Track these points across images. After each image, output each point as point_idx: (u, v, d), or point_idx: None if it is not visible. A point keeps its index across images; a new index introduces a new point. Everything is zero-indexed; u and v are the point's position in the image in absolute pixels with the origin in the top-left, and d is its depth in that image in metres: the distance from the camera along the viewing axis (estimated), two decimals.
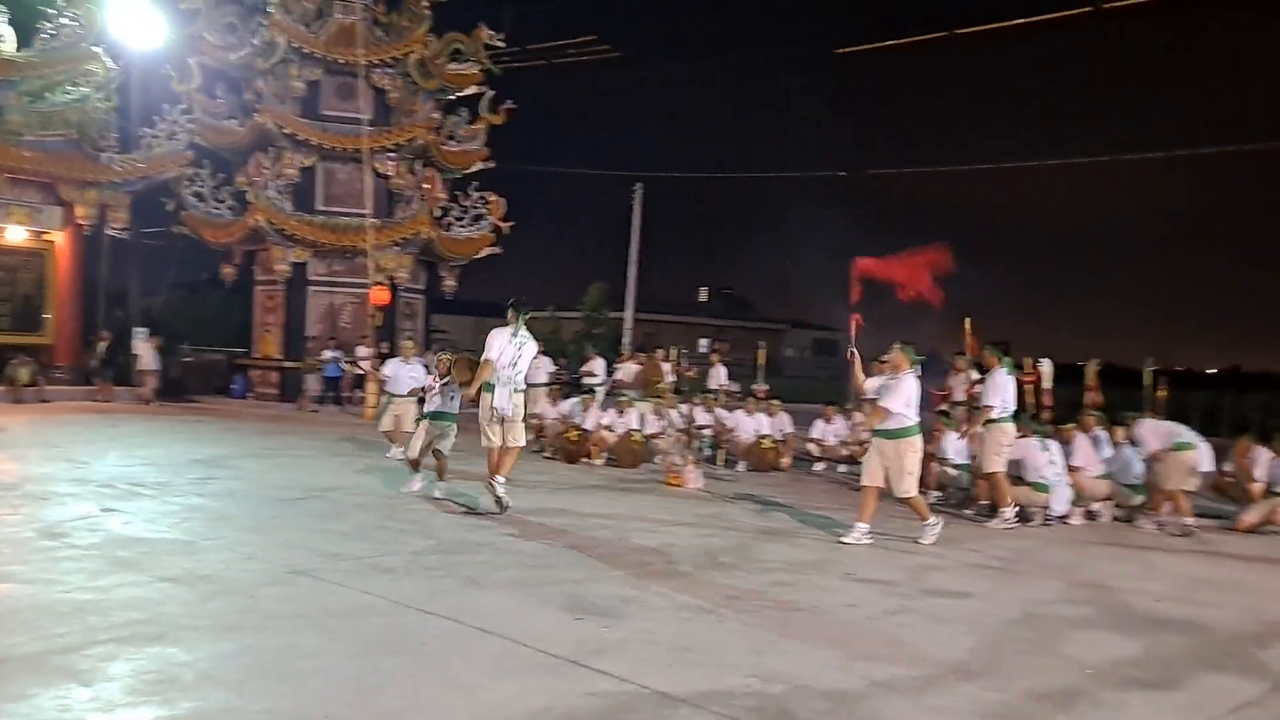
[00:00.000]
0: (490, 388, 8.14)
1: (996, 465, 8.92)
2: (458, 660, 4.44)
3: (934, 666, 4.69)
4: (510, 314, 8.41)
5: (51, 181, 20.38)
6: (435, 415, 9.43)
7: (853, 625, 5.36)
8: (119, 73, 21.31)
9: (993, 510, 9.13)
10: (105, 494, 8.62)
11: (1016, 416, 9.25)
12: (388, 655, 4.47)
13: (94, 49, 20.59)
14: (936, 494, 10.19)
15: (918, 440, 7.94)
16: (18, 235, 20.59)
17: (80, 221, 20.94)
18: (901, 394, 7.77)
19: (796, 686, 4.24)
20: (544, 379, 15.66)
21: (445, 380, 9.38)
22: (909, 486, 7.89)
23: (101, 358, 20.48)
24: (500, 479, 8.26)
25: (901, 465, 7.83)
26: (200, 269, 34.42)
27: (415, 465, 9.47)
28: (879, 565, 6.96)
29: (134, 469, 10.30)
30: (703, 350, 43.47)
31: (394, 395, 11.98)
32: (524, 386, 8.51)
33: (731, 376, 16.42)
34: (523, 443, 8.61)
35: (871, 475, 7.92)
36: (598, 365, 16.70)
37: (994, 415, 8.88)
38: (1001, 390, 8.89)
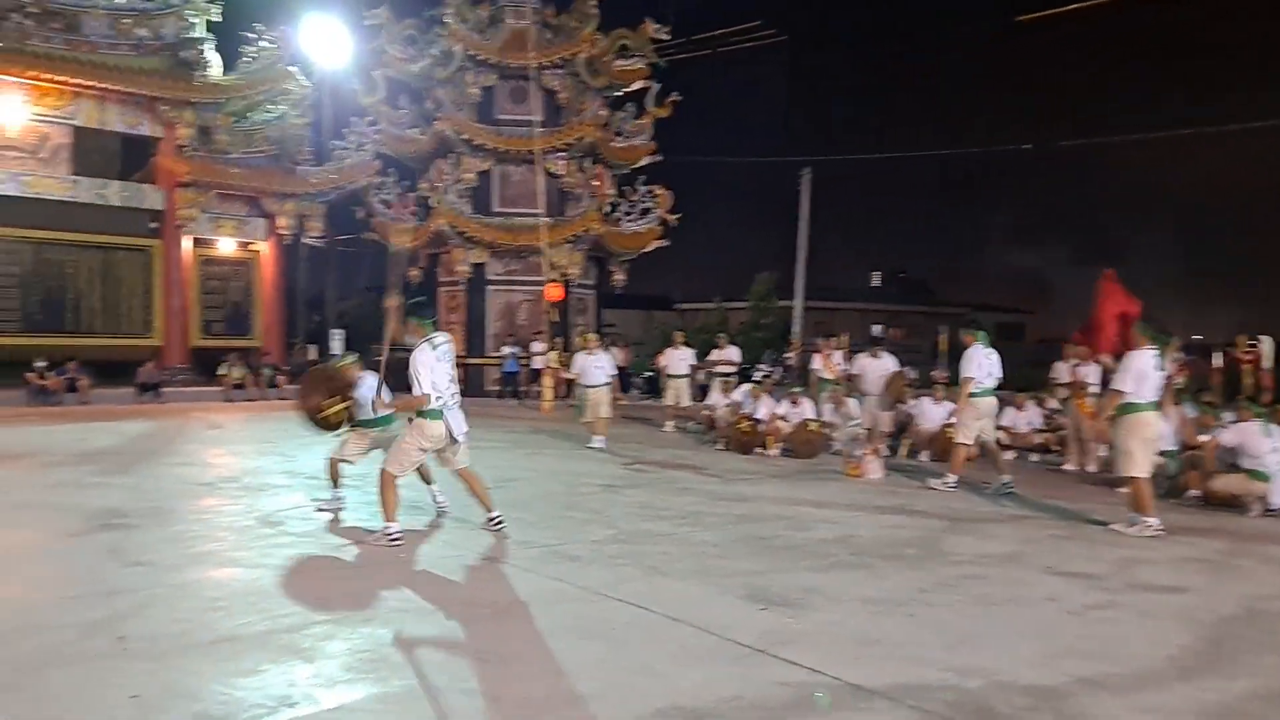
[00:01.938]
0: (436, 415, 6.48)
1: (966, 436, 9.64)
2: (647, 646, 4.51)
3: (1145, 664, 4.42)
4: (412, 324, 6.65)
5: (255, 195, 22.01)
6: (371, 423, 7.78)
7: (1054, 620, 5.12)
8: (312, 89, 22.78)
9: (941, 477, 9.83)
10: (314, 485, 9.21)
11: (1232, 399, 8.62)
12: (581, 640, 4.59)
13: (290, 69, 22.09)
14: None
15: (1134, 420, 7.51)
16: (228, 246, 22.34)
17: (281, 231, 22.53)
18: (1128, 372, 7.46)
19: (995, 682, 4.08)
20: (684, 370, 15.78)
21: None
22: (1124, 466, 7.59)
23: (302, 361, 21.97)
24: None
25: (1119, 443, 7.54)
26: (383, 273, 36.32)
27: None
28: (1081, 558, 6.61)
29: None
30: (875, 336, 42.48)
31: (587, 387, 12.59)
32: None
33: (909, 363, 16.00)
34: (468, 461, 6.97)
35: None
36: (732, 353, 16.57)
37: (972, 389, 9.44)
38: (977, 364, 9.43)
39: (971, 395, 9.53)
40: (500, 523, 6.93)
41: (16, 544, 6.55)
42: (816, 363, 14.58)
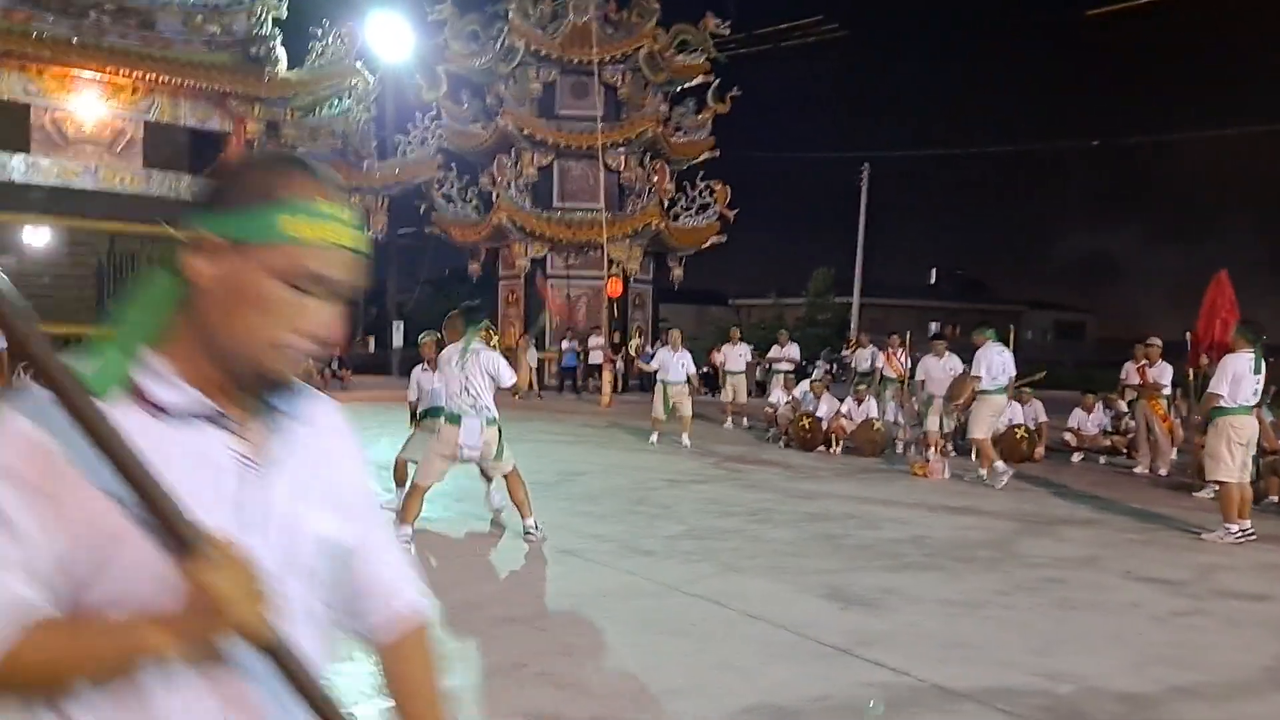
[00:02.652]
0: (455, 419, 6.30)
1: (981, 432, 10.05)
2: (729, 643, 4.54)
3: (1238, 673, 4.35)
4: (456, 326, 6.61)
5: None
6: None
7: (1139, 626, 5.05)
8: (376, 85, 23.07)
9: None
10: (385, 475, 9.36)
11: None
12: (663, 635, 4.63)
13: (355, 64, 22.38)
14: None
15: (1227, 423, 7.37)
16: None
17: None
18: (1224, 375, 7.36)
19: (1086, 688, 4.05)
20: (741, 366, 15.78)
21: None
22: (1211, 470, 7.54)
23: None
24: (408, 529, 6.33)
25: (1210, 447, 7.46)
26: (445, 266, 36.76)
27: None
28: (1161, 564, 6.50)
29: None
30: (937, 334, 41.95)
31: (669, 382, 12.64)
32: (494, 415, 6.41)
33: (966, 362, 15.81)
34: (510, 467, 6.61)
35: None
36: (793, 350, 16.46)
37: (982, 386, 9.97)
38: (986, 363, 10.00)
39: (983, 392, 10.07)
40: (532, 534, 6.52)
41: None
42: (881, 361, 14.49)
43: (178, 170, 21.20)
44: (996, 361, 10.21)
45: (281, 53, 22.00)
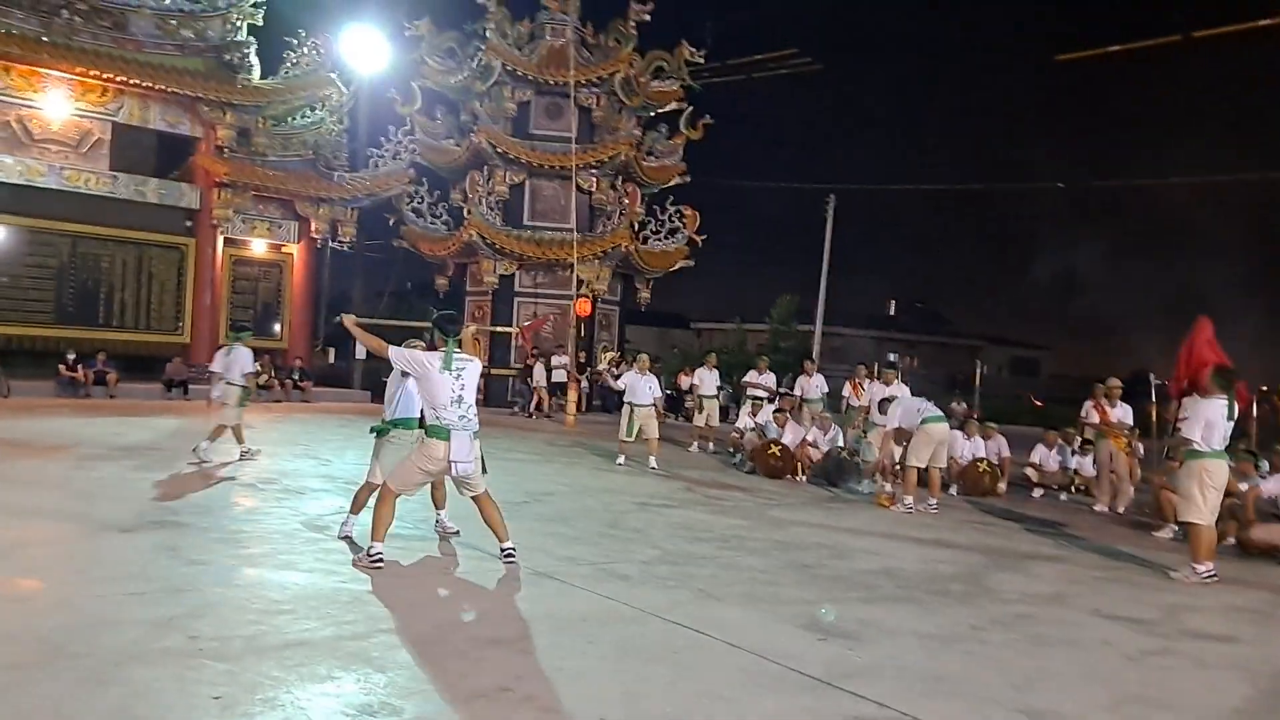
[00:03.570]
0: (442, 433, 6.00)
1: (914, 460, 10.28)
2: (712, 672, 4.53)
3: (1209, 713, 4.43)
4: (434, 337, 6.33)
5: (290, 198, 22.20)
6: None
7: (1113, 664, 5.12)
8: (350, 97, 22.98)
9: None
10: (352, 490, 9.22)
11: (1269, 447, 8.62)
12: (645, 662, 4.61)
13: (330, 75, 22.31)
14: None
15: (1199, 466, 7.53)
16: (260, 247, 22.52)
17: (314, 235, 22.72)
18: (1198, 420, 7.53)
19: None
20: (714, 391, 15.94)
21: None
22: (1182, 511, 7.72)
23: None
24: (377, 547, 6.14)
25: (1182, 488, 7.65)
26: (410, 280, 36.47)
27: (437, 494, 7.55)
28: (1129, 602, 6.61)
29: None
30: (890, 363, 42.40)
31: (635, 404, 12.71)
32: (477, 428, 6.22)
33: (923, 394, 16.00)
34: (484, 488, 6.41)
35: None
36: (769, 378, 16.54)
37: (925, 416, 10.31)
38: (901, 412, 10.53)
39: (924, 422, 10.32)
40: (513, 556, 6.39)
41: (72, 537, 6.62)
42: (847, 390, 14.62)
43: (145, 173, 20.95)
44: (911, 405, 10.68)
45: (255, 60, 21.89)
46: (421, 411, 6.33)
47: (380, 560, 6.06)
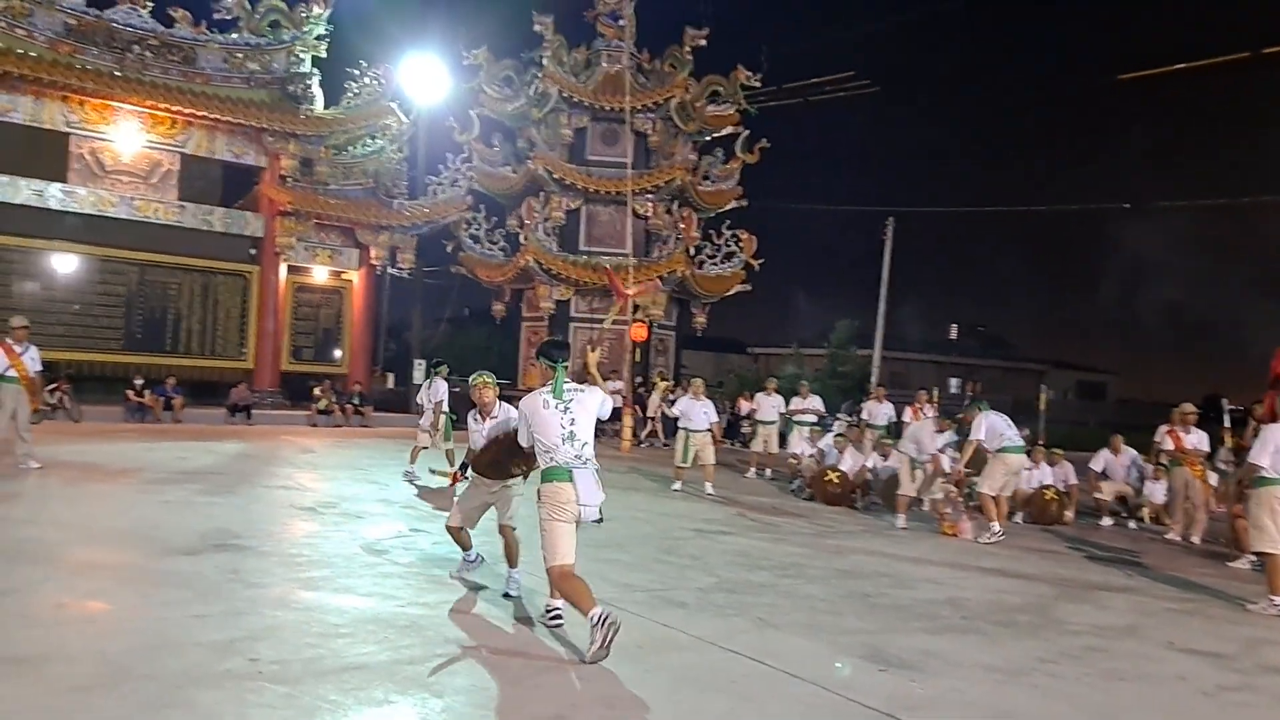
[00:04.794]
0: (562, 474, 5.17)
1: (988, 489, 10.25)
2: (771, 702, 4.44)
3: None
4: (541, 365, 5.51)
5: (351, 226, 22.59)
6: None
7: (1189, 700, 4.92)
8: (410, 125, 23.39)
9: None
10: (410, 515, 9.34)
11: None
12: (701, 691, 4.54)
13: (390, 104, 22.73)
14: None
15: (1268, 494, 7.30)
16: (321, 275, 22.93)
17: (374, 262, 23.08)
18: (1266, 446, 7.34)
19: None
20: (774, 417, 15.67)
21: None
22: (1255, 541, 7.45)
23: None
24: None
25: (1253, 518, 7.42)
26: (467, 305, 36.90)
27: (462, 537, 6.75)
28: (1204, 635, 6.36)
29: (427, 493, 11.08)
30: (954, 391, 41.81)
31: (690, 430, 12.75)
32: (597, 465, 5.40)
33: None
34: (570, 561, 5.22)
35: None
36: (815, 402, 16.26)
37: (1002, 445, 10.25)
38: (987, 425, 10.36)
39: (1002, 450, 10.29)
40: (510, 596, 6.14)
41: (137, 560, 6.73)
42: (908, 416, 14.39)
43: (211, 203, 21.49)
44: (998, 422, 10.40)
45: (318, 91, 22.37)
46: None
47: (559, 618, 5.46)
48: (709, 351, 47.35)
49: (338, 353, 23.35)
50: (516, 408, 5.86)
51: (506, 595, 6.21)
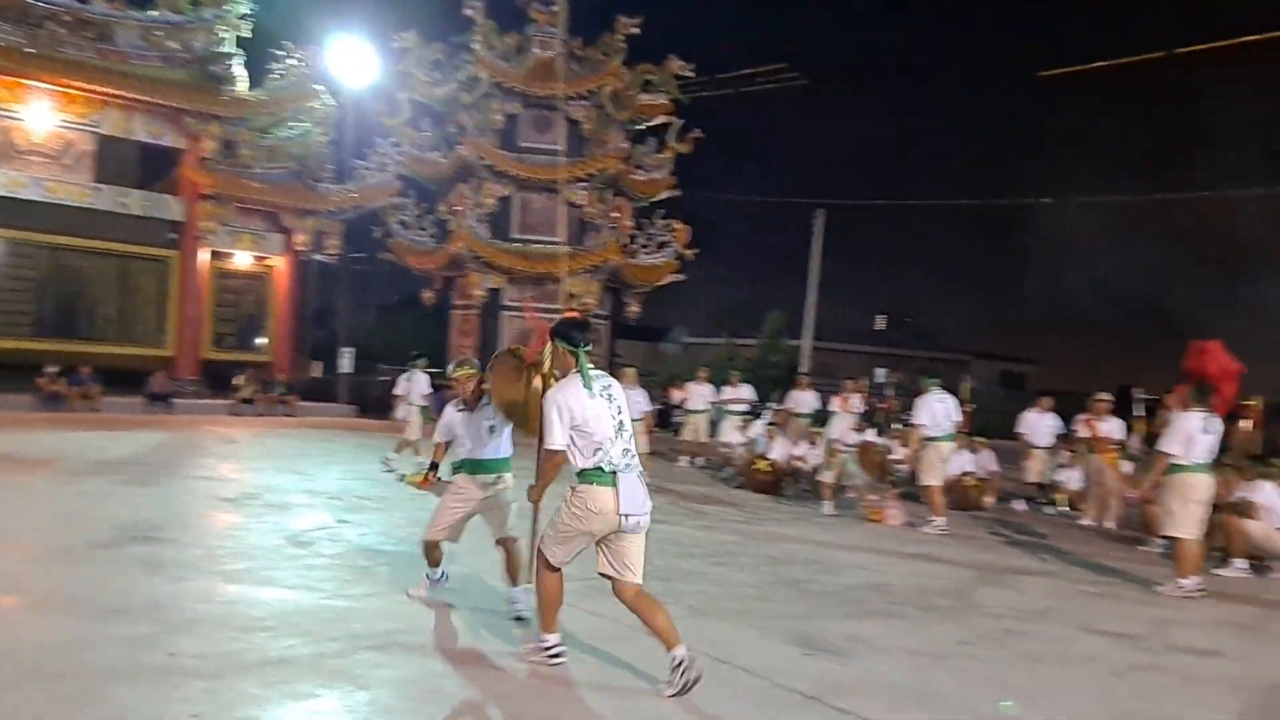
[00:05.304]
0: (604, 477, 4.45)
1: (931, 479, 10.23)
2: (704, 689, 4.47)
3: None
4: (559, 349, 4.68)
5: (275, 210, 22.10)
6: (476, 465, 5.64)
7: (1102, 680, 5.09)
8: (336, 109, 22.93)
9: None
10: (336, 506, 9.19)
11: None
12: (634, 677, 4.56)
13: (316, 87, 22.25)
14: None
15: (1181, 480, 7.56)
16: (244, 260, 22.40)
17: (298, 248, 22.61)
18: (1176, 434, 7.56)
19: None
20: (704, 406, 15.79)
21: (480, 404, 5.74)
22: (1167, 526, 7.70)
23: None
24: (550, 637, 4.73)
25: (1165, 504, 7.67)
26: (396, 292, 36.39)
27: (435, 554, 5.79)
28: (1115, 617, 6.59)
29: (355, 483, 10.94)
30: (880, 380, 42.46)
31: None
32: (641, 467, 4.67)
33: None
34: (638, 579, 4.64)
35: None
36: (745, 391, 16.41)
37: (928, 433, 10.28)
38: (929, 411, 10.32)
39: (929, 439, 10.29)
40: (523, 619, 5.39)
41: (52, 553, 6.52)
42: (835, 405, 14.60)
43: (128, 185, 20.81)
44: (939, 409, 10.44)
45: (241, 71, 21.80)
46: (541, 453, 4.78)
47: (560, 655, 4.70)
48: (642, 341, 47.43)
49: (262, 340, 22.85)
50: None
51: (519, 618, 5.40)
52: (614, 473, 4.44)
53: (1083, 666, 5.34)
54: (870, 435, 12.78)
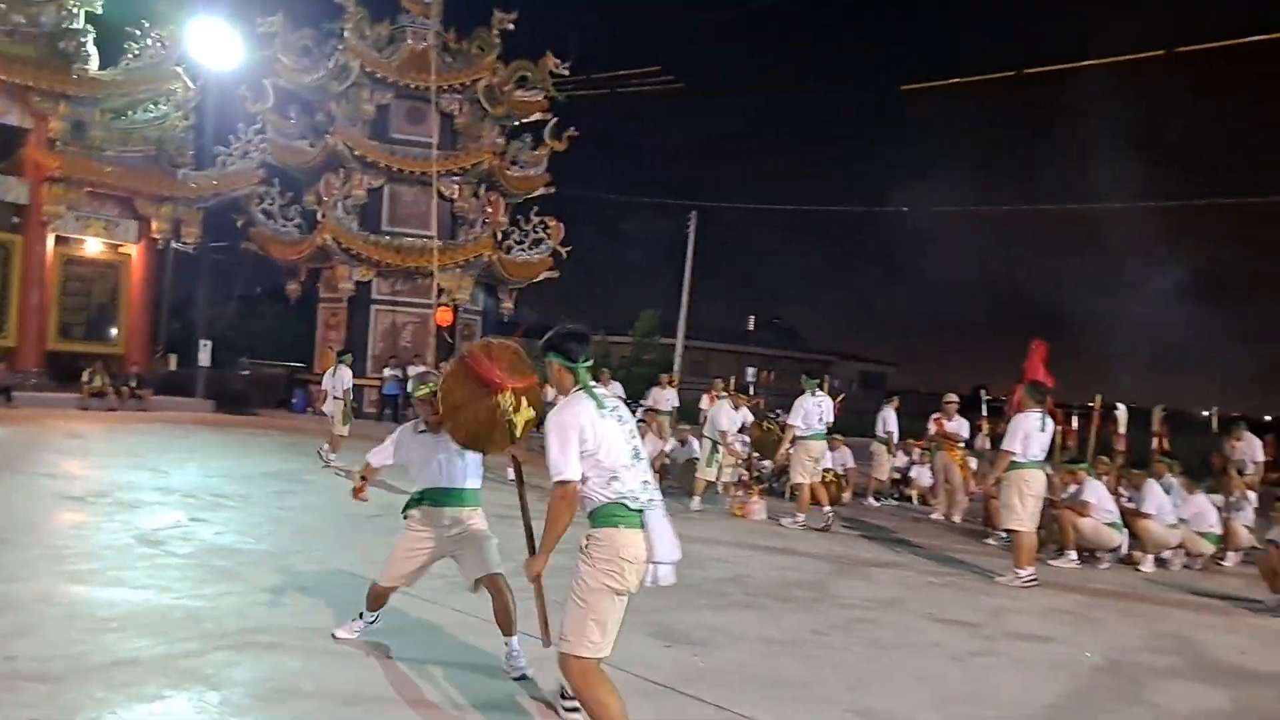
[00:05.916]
0: (631, 517, 3.68)
1: (800, 476, 10.56)
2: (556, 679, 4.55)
3: (1026, 710, 4.74)
4: (554, 365, 3.82)
5: (129, 196, 21.06)
6: (442, 496, 4.97)
7: (941, 665, 5.41)
8: (197, 92, 21.99)
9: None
10: (191, 504, 8.89)
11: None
12: (493, 674, 4.61)
13: (175, 69, 21.29)
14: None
15: (1019, 476, 8.03)
16: (95, 247, 21.27)
17: (154, 235, 21.61)
18: (1016, 433, 8.02)
19: None
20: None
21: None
22: (1005, 519, 8.21)
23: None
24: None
25: (1005, 498, 8.11)
26: (259, 284, 35.16)
27: (382, 600, 5.04)
28: (958, 606, 6.99)
29: (212, 480, 10.58)
30: (749, 380, 43.39)
31: None
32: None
33: (781, 408, 16.46)
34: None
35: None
36: (615, 388, 16.47)
37: (799, 433, 10.58)
38: (803, 411, 10.61)
39: (800, 438, 10.56)
40: (524, 677, 4.66)
41: None
42: (704, 403, 14.91)
43: None
44: (812, 410, 10.72)
45: (94, 50, 20.68)
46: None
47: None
48: (518, 337, 47.12)
49: (113, 331, 21.75)
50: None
51: (522, 677, 4.63)
52: (640, 510, 3.65)
53: (925, 652, 5.66)
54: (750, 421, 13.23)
